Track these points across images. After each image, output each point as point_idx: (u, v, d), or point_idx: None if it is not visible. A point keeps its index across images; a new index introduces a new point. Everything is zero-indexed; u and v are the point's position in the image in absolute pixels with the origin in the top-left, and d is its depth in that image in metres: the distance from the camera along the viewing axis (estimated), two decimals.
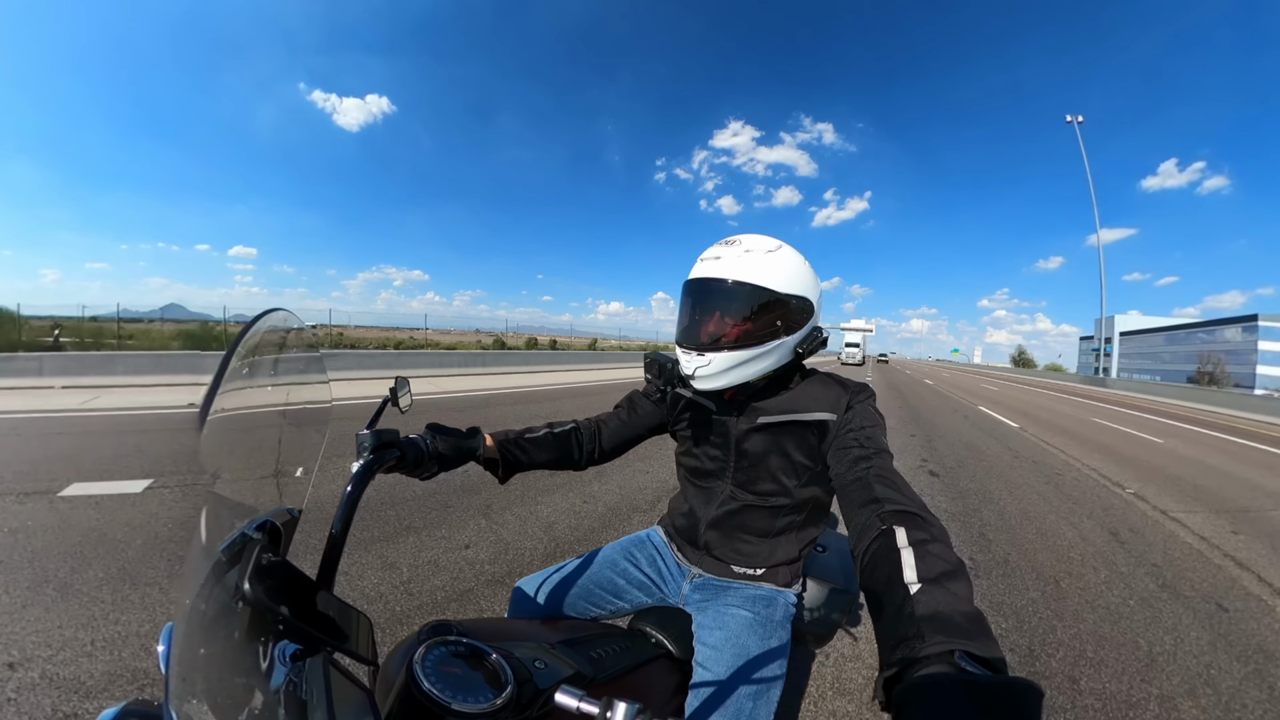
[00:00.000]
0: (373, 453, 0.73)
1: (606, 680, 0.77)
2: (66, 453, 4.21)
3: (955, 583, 0.52)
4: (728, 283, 0.90)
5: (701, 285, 0.94)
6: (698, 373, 0.93)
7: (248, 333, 0.54)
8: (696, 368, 0.93)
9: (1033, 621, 2.33)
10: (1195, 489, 5.23)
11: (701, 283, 0.94)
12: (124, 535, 2.66)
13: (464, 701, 0.50)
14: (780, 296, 0.89)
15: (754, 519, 0.99)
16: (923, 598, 0.50)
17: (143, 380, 8.44)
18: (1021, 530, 3.62)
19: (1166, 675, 1.99)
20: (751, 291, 0.89)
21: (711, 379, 0.93)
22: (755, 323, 0.90)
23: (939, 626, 0.46)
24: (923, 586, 0.51)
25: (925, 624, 0.46)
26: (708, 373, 0.92)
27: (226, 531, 0.54)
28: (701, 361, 0.92)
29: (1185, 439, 9.25)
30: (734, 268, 0.90)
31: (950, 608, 0.48)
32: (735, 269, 0.90)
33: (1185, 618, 2.47)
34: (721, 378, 0.92)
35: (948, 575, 0.52)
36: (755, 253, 0.91)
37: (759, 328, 0.90)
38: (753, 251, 0.92)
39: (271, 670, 0.49)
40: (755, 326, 0.90)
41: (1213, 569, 3.14)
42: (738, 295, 0.90)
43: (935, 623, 0.46)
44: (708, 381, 0.93)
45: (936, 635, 0.45)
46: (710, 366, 0.91)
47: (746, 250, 0.92)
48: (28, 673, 1.62)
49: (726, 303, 0.92)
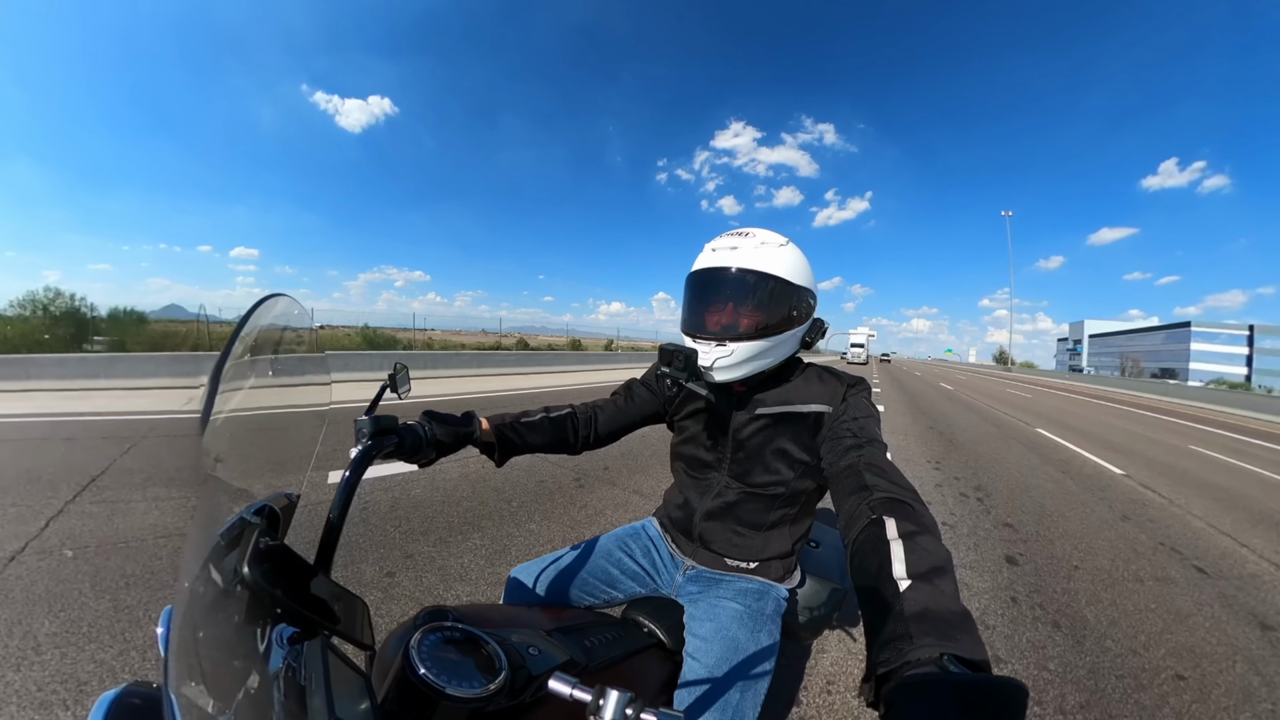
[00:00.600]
0: (371, 439, 0.73)
1: (599, 668, 0.78)
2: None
3: (944, 579, 0.52)
4: (748, 273, 0.91)
5: (718, 274, 0.94)
6: (718, 363, 0.92)
7: (248, 320, 0.54)
8: (717, 358, 0.92)
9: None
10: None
11: (718, 272, 0.94)
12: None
13: (459, 686, 0.51)
14: (794, 286, 0.92)
15: (748, 511, 1.00)
16: (912, 595, 0.50)
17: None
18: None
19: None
20: (773, 282, 0.91)
21: (732, 369, 0.93)
22: (774, 313, 0.92)
23: (928, 627, 0.46)
24: (912, 583, 0.52)
25: (914, 623, 0.47)
26: (729, 363, 0.92)
27: (225, 516, 0.55)
28: (723, 352, 0.92)
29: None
30: (752, 258, 0.91)
31: (939, 606, 0.49)
32: (753, 259, 0.91)
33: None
34: (740, 368, 0.93)
35: (937, 571, 0.53)
36: (770, 245, 0.93)
37: (776, 317, 0.92)
38: (768, 244, 0.93)
39: (269, 653, 0.49)
40: (773, 316, 0.92)
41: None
42: (760, 285, 0.91)
43: (924, 622, 0.47)
44: (728, 372, 0.93)
45: (925, 636, 0.45)
46: (733, 356, 0.92)
47: (762, 243, 0.93)
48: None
49: (745, 292, 0.92)
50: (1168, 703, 1.84)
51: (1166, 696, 1.87)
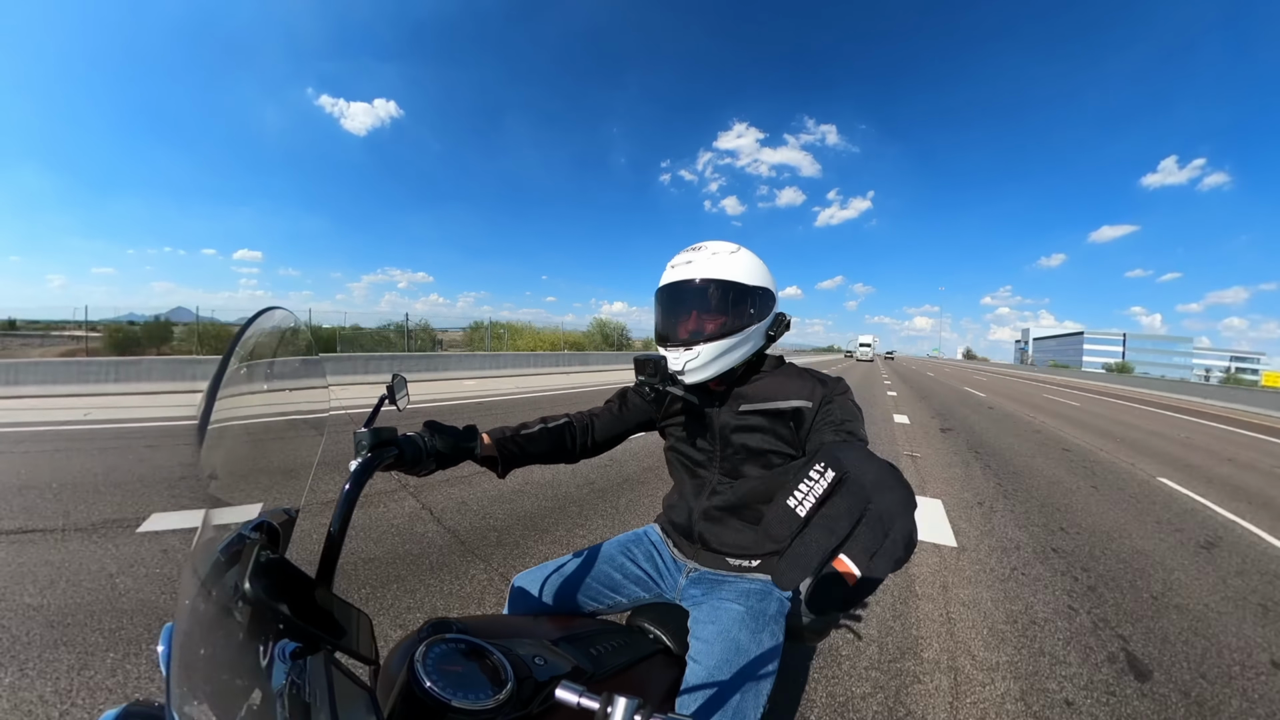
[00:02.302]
0: (371, 451, 0.73)
1: (605, 676, 0.78)
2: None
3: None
4: (704, 282, 1.00)
5: (679, 288, 1.03)
6: (687, 366, 1.00)
7: (244, 333, 0.53)
8: (686, 362, 1.00)
9: None
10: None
11: (679, 285, 1.03)
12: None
13: (465, 698, 0.51)
14: (748, 288, 1.00)
15: (744, 506, 1.03)
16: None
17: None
18: None
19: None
20: (725, 286, 0.99)
21: (700, 370, 1.00)
22: (731, 313, 1.00)
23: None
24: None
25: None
26: (696, 364, 0.99)
27: (224, 532, 0.54)
28: (690, 355, 0.99)
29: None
30: (706, 268, 1.00)
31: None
32: (707, 269, 1.00)
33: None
34: (709, 368, 1.00)
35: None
36: (721, 254, 1.01)
37: (735, 317, 0.99)
38: (719, 254, 1.01)
39: (272, 669, 0.49)
40: (731, 317, 0.99)
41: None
42: (714, 292, 1.00)
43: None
44: (697, 374, 1.00)
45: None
46: (699, 358, 0.99)
47: (713, 254, 1.02)
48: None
49: (704, 300, 1.01)
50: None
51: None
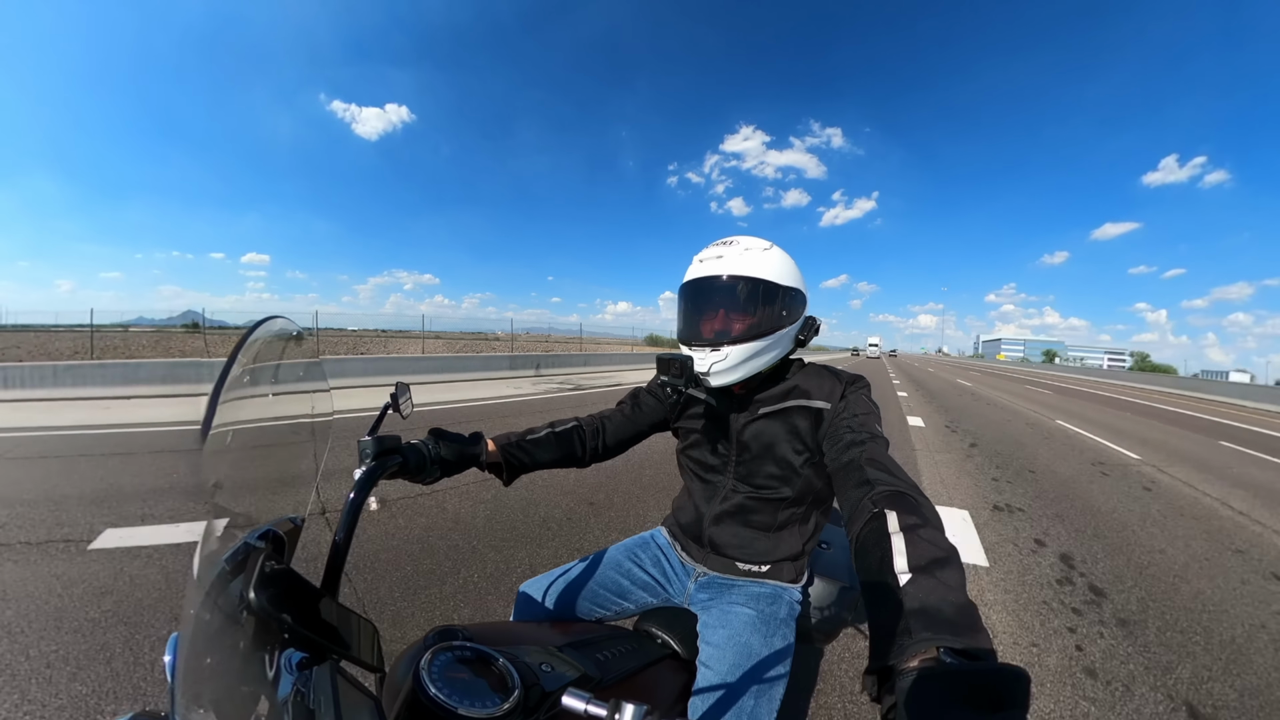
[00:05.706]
0: (375, 459, 0.73)
1: (613, 682, 0.77)
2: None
3: (946, 571, 0.51)
4: (734, 279, 0.94)
5: (707, 283, 0.97)
6: (714, 368, 0.94)
7: (246, 342, 0.54)
8: (713, 363, 0.94)
9: None
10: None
11: (707, 281, 0.97)
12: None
13: (471, 706, 0.50)
14: (780, 288, 0.94)
15: (757, 513, 1.00)
16: (911, 589, 0.49)
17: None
18: None
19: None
20: (760, 285, 0.93)
21: (728, 372, 0.95)
22: (763, 314, 0.94)
23: (927, 622, 0.46)
24: (913, 577, 0.51)
25: (913, 618, 0.46)
26: (724, 367, 0.94)
27: (229, 541, 0.54)
28: (718, 356, 0.94)
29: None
30: (739, 265, 0.94)
31: (940, 599, 0.48)
32: (740, 266, 0.94)
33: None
34: (736, 370, 0.95)
35: (939, 563, 0.52)
36: (754, 250, 0.95)
37: (767, 318, 0.94)
38: (751, 250, 0.96)
39: (278, 679, 0.49)
40: (763, 318, 0.94)
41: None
42: (748, 290, 0.94)
43: (924, 616, 0.46)
44: (724, 376, 0.95)
45: (924, 630, 0.45)
46: (727, 360, 0.93)
47: (746, 249, 0.96)
48: None
49: (733, 298, 0.95)
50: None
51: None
